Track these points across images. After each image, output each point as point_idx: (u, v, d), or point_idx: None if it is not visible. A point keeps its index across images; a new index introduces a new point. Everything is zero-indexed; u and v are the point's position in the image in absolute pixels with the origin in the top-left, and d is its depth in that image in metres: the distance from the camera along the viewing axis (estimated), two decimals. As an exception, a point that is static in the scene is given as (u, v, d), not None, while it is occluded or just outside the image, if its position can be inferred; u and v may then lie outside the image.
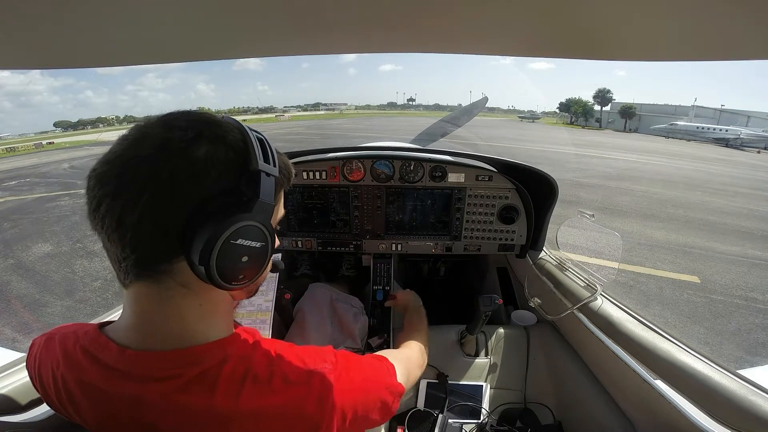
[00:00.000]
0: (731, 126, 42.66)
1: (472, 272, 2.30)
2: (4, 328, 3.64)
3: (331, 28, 0.64)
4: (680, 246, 5.81)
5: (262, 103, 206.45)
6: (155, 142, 0.45)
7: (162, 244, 0.46)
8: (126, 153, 0.45)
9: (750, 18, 0.43)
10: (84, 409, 0.52)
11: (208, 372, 0.48)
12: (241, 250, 0.48)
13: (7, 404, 0.80)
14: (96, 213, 0.45)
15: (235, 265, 0.48)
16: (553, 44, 0.68)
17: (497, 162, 1.59)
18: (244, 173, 0.48)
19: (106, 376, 0.49)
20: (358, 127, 33.08)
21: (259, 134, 0.53)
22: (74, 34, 0.58)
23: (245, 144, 0.49)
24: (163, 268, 0.47)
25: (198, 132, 0.46)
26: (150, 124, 0.47)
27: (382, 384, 0.64)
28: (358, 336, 1.45)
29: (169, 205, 0.44)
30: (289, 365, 0.53)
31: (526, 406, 1.36)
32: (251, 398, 0.48)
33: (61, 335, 0.57)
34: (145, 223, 0.44)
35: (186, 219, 0.44)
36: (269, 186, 0.51)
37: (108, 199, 0.44)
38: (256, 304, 1.14)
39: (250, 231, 0.48)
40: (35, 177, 13.63)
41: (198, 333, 0.51)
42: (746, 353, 3.30)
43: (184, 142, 0.45)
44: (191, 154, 0.45)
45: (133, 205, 0.43)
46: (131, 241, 0.44)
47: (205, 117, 0.50)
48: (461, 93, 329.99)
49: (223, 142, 0.48)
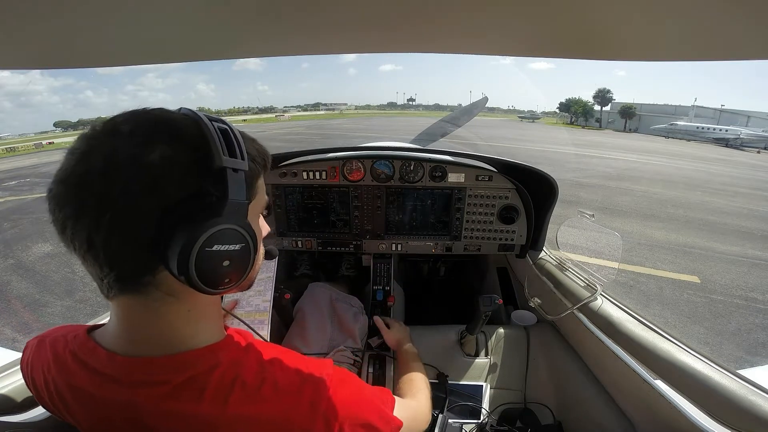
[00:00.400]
0: (731, 126, 42.65)
1: (472, 272, 2.30)
2: (4, 328, 3.64)
3: (331, 28, 0.64)
4: (680, 246, 5.81)
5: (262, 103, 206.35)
6: (103, 153, 0.41)
7: (138, 258, 0.44)
8: (76, 169, 0.41)
9: (750, 18, 0.43)
10: (76, 412, 0.52)
11: (197, 378, 0.47)
12: (221, 255, 0.45)
13: (7, 404, 0.80)
14: (63, 236, 0.43)
15: (217, 271, 0.46)
16: (553, 44, 0.68)
17: (497, 162, 1.59)
18: (207, 172, 0.44)
19: (95, 381, 0.49)
20: (358, 127, 33.07)
21: (222, 124, 0.48)
22: (74, 34, 0.58)
23: (204, 139, 0.44)
24: (146, 280, 0.45)
25: (147, 135, 0.43)
26: (96, 133, 0.43)
27: (376, 410, 0.61)
28: (358, 336, 1.45)
29: (134, 219, 0.41)
30: (282, 373, 0.52)
31: (526, 406, 1.36)
32: (239, 405, 0.47)
33: (52, 338, 0.57)
34: (114, 241, 0.42)
35: (155, 230, 0.42)
36: (239, 182, 0.46)
37: (71, 221, 0.41)
38: (254, 304, 1.13)
39: (225, 235, 0.45)
40: (35, 177, 13.61)
41: (187, 338, 0.50)
42: (746, 353, 3.30)
43: (133, 148, 0.41)
44: (144, 162, 0.41)
45: (97, 225, 0.41)
46: (106, 260, 0.43)
47: (155, 115, 0.46)
48: (461, 93, 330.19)
49: (178, 141, 0.44)
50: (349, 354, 1.36)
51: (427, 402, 0.90)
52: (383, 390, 0.69)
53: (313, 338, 1.39)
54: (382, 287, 1.68)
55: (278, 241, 1.71)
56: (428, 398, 0.92)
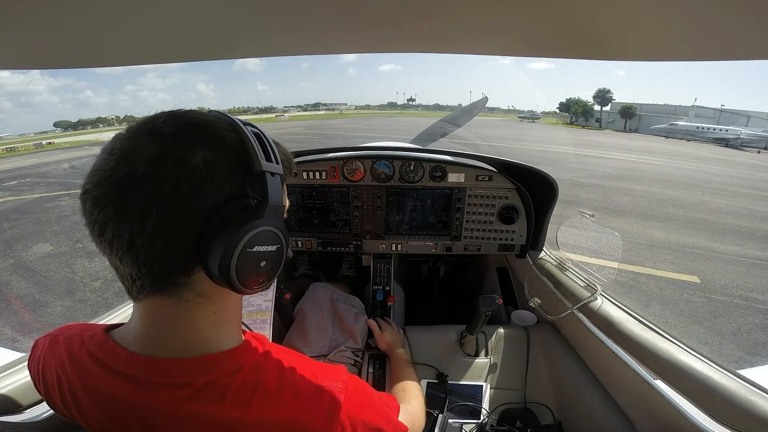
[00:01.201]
0: (731, 126, 42.64)
1: (472, 272, 2.30)
2: (4, 328, 3.64)
3: (330, 28, 0.64)
4: (680, 246, 5.81)
5: (262, 103, 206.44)
6: (148, 155, 0.41)
7: (178, 260, 0.44)
8: (118, 171, 0.41)
9: (750, 18, 0.43)
10: (89, 412, 0.51)
11: (219, 380, 0.48)
12: (259, 256, 0.46)
13: (7, 404, 0.80)
14: (102, 237, 0.43)
15: (255, 271, 0.47)
16: (553, 44, 0.68)
17: (497, 162, 1.59)
18: (247, 176, 0.46)
19: (113, 381, 0.49)
20: (358, 127, 33.08)
21: (254, 128, 0.49)
22: (74, 34, 0.58)
23: (243, 143, 0.46)
24: (181, 281, 0.46)
25: (190, 137, 0.44)
26: (135, 134, 0.44)
27: (385, 416, 0.63)
28: (358, 336, 1.45)
29: (179, 221, 0.42)
30: (301, 378, 0.53)
31: (526, 406, 1.36)
32: (260, 409, 0.47)
33: (66, 337, 0.56)
34: (157, 243, 0.42)
35: (198, 232, 0.43)
36: (276, 186, 0.48)
37: (112, 223, 0.41)
38: (255, 304, 1.13)
39: (265, 236, 0.46)
40: (35, 177, 13.63)
41: (211, 341, 0.51)
42: (746, 353, 3.30)
43: (178, 151, 0.42)
44: (189, 164, 0.42)
45: (141, 227, 0.41)
46: (146, 261, 0.43)
47: (194, 118, 0.47)
48: (461, 93, 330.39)
49: (219, 144, 0.45)
50: (349, 354, 1.36)
51: (421, 408, 0.94)
52: (389, 396, 0.72)
53: (313, 338, 1.39)
54: (382, 287, 1.68)
55: None
56: (422, 405, 0.96)
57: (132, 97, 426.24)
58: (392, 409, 0.67)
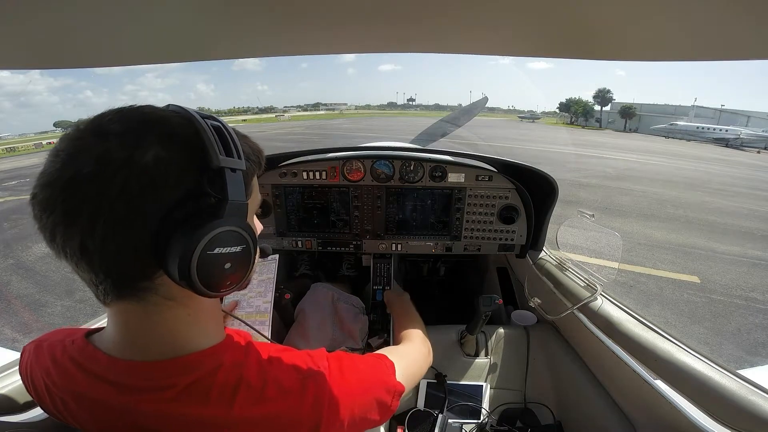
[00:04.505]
0: (731, 126, 42.67)
1: (472, 272, 2.30)
2: (4, 328, 3.64)
3: (330, 27, 0.64)
4: (680, 246, 5.81)
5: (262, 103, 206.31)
6: (92, 155, 0.39)
7: (136, 264, 0.42)
8: (64, 173, 0.39)
9: (750, 18, 0.43)
10: (80, 416, 0.51)
11: (202, 381, 0.47)
12: (222, 258, 0.44)
13: (7, 404, 0.80)
14: (54, 243, 0.41)
15: (219, 274, 0.44)
16: (553, 44, 0.68)
17: (497, 162, 1.59)
18: (205, 173, 0.43)
19: (97, 386, 0.48)
20: (358, 127, 33.08)
21: (215, 121, 0.46)
22: (74, 34, 0.58)
23: (199, 138, 0.43)
24: (144, 285, 0.44)
25: (139, 134, 0.41)
26: (81, 134, 0.41)
27: (380, 383, 0.63)
28: (359, 336, 1.45)
29: (131, 224, 0.40)
30: (283, 371, 0.52)
31: (526, 406, 1.36)
32: (245, 406, 0.47)
33: (50, 343, 0.56)
34: (109, 247, 0.40)
35: (152, 234, 0.40)
36: (237, 182, 0.45)
37: (61, 228, 0.39)
38: (255, 305, 1.13)
39: (226, 237, 0.44)
40: (35, 177, 13.62)
41: (189, 342, 0.49)
42: (746, 353, 3.30)
43: (125, 150, 0.39)
44: (138, 163, 0.39)
45: (91, 232, 0.39)
46: (101, 266, 0.41)
47: (145, 114, 0.44)
48: (461, 93, 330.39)
49: (172, 140, 0.42)
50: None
51: (422, 342, 0.94)
52: (379, 357, 0.70)
53: (314, 338, 1.39)
54: (382, 287, 1.68)
55: (278, 241, 1.71)
56: (423, 340, 0.95)
57: (132, 97, 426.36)
58: (385, 371, 0.66)
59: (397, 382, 0.66)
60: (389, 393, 0.63)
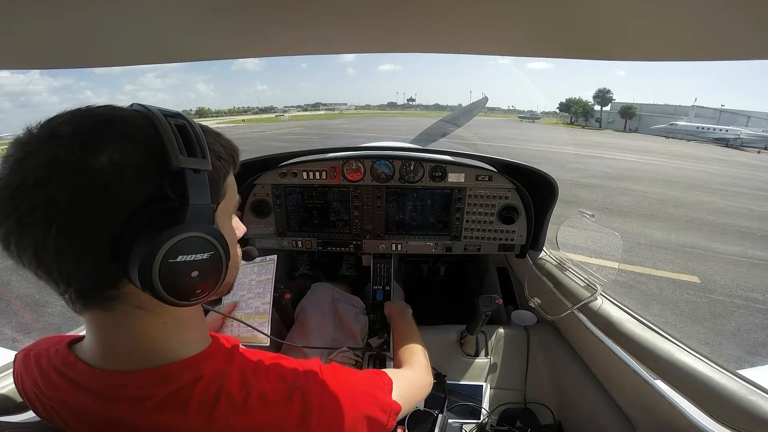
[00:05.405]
0: (731, 126, 42.67)
1: (472, 272, 2.30)
2: (4, 328, 3.64)
3: (331, 28, 0.64)
4: (680, 246, 5.81)
5: (262, 103, 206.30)
6: (40, 161, 0.36)
7: (97, 272, 0.40)
8: (12, 179, 0.36)
9: (750, 18, 0.43)
10: (71, 424, 0.51)
11: (180, 391, 0.45)
12: (188, 266, 0.41)
13: (7, 404, 0.80)
14: (9, 252, 0.39)
15: (186, 282, 0.42)
16: (553, 44, 0.68)
17: (497, 162, 1.59)
18: (166, 175, 0.40)
19: (79, 395, 0.47)
20: (358, 127, 33.08)
21: (180, 119, 0.43)
22: (74, 34, 0.58)
23: (159, 137, 0.40)
24: (111, 294, 0.42)
25: (90, 137, 0.38)
26: (31, 138, 0.38)
27: (372, 399, 0.60)
28: (359, 336, 1.45)
29: (86, 232, 0.37)
30: (269, 381, 0.51)
31: (526, 406, 1.36)
32: (226, 417, 0.45)
33: (36, 353, 0.55)
34: (67, 257, 0.38)
35: (112, 242, 0.38)
36: (201, 184, 0.42)
37: (14, 237, 0.38)
38: (253, 306, 1.13)
39: (189, 244, 0.41)
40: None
41: (167, 351, 0.48)
42: (746, 353, 3.30)
43: (75, 154, 0.36)
44: (90, 167, 0.36)
45: (43, 241, 0.37)
46: (61, 276, 0.39)
47: (99, 114, 0.41)
48: (461, 93, 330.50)
49: (128, 141, 0.39)
50: (350, 354, 1.37)
51: (424, 367, 0.91)
52: (377, 373, 0.68)
53: (314, 338, 1.39)
54: (382, 287, 1.68)
55: (278, 241, 1.72)
56: (420, 367, 0.91)
57: (131, 98, 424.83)
58: (382, 388, 0.64)
59: (393, 401, 0.63)
60: (384, 412, 0.60)
